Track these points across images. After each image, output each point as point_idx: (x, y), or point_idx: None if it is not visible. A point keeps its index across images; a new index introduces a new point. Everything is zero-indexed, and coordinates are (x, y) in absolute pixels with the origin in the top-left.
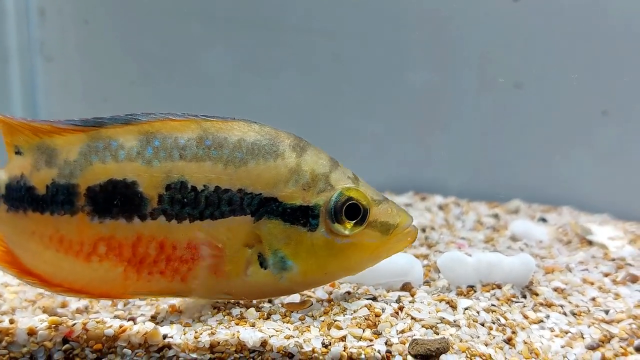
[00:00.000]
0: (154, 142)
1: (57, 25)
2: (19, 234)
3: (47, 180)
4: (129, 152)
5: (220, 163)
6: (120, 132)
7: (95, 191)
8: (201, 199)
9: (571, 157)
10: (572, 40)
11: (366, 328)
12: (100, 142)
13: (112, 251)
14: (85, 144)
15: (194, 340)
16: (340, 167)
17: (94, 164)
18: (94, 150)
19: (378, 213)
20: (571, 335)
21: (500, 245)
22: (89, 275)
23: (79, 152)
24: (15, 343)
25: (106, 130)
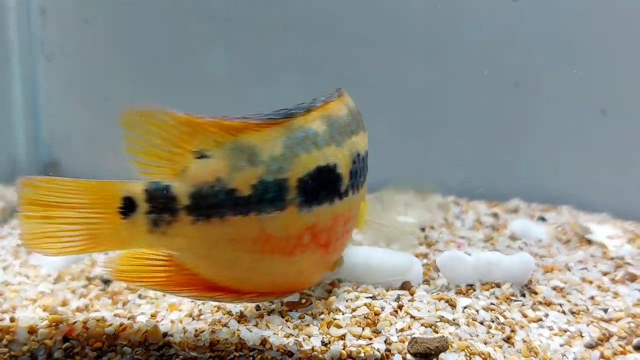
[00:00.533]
0: (334, 123)
1: (58, 25)
2: (210, 244)
3: (252, 180)
4: (324, 137)
5: (363, 132)
6: (309, 120)
7: (306, 181)
8: (364, 167)
9: (570, 156)
10: (571, 39)
11: (365, 327)
12: (298, 132)
13: (314, 239)
14: (285, 137)
15: (194, 338)
16: None
17: (300, 154)
18: (295, 142)
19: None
20: (570, 334)
21: (500, 244)
22: (285, 272)
23: (283, 146)
24: (15, 341)
25: (297, 120)
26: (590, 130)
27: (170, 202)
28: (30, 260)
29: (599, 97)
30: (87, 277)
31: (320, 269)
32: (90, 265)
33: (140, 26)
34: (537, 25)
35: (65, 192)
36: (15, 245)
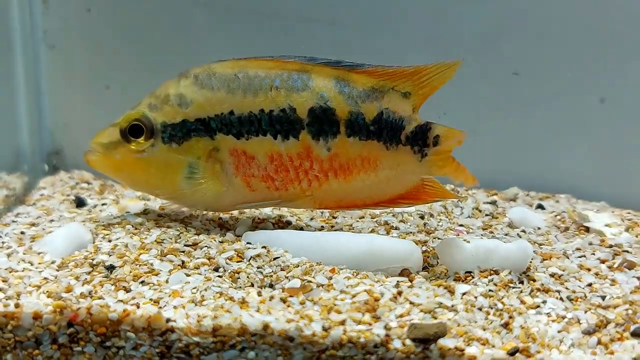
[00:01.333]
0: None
1: (60, 14)
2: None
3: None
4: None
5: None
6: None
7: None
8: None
9: (569, 145)
10: (570, 28)
11: (365, 312)
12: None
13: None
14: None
15: (197, 324)
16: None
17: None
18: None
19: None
20: (568, 321)
21: (498, 232)
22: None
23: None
24: (20, 327)
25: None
26: (589, 118)
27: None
28: (34, 247)
29: (598, 85)
30: (91, 264)
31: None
32: (94, 252)
33: (143, 15)
34: (537, 13)
35: None
36: (19, 233)
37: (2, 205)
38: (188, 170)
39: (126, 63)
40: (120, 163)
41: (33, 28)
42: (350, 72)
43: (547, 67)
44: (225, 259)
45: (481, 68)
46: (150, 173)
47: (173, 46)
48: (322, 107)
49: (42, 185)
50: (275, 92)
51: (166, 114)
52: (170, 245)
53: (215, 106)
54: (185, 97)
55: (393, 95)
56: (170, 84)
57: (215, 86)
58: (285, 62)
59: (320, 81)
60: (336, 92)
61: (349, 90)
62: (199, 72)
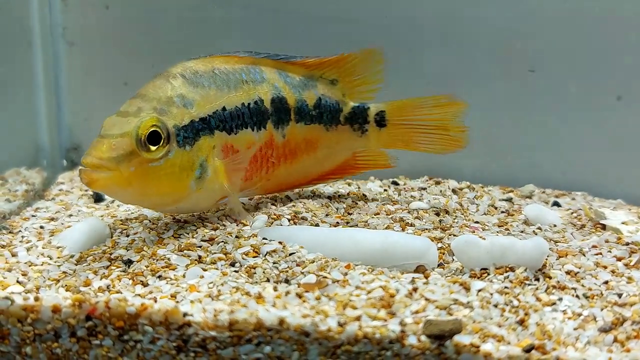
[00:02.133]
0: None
1: (79, 11)
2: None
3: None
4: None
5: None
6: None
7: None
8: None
9: (585, 143)
10: (587, 25)
11: (381, 308)
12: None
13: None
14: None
15: (214, 318)
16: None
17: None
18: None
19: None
20: (584, 318)
21: (514, 229)
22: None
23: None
24: (40, 320)
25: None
26: (605, 116)
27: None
28: (53, 242)
29: (614, 83)
30: (109, 258)
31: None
32: (112, 247)
33: (160, 11)
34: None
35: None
36: (38, 227)
37: (21, 200)
38: (199, 171)
39: (144, 60)
40: (133, 176)
41: (52, 25)
42: (287, 64)
43: (563, 65)
44: (241, 254)
45: (497, 65)
46: (163, 181)
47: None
48: (279, 97)
49: (60, 181)
50: (247, 85)
51: (175, 117)
52: (187, 240)
53: (211, 103)
54: (186, 97)
55: (323, 82)
56: (160, 86)
57: (205, 84)
58: (240, 57)
59: (270, 73)
60: (283, 83)
61: (290, 81)
62: (181, 71)
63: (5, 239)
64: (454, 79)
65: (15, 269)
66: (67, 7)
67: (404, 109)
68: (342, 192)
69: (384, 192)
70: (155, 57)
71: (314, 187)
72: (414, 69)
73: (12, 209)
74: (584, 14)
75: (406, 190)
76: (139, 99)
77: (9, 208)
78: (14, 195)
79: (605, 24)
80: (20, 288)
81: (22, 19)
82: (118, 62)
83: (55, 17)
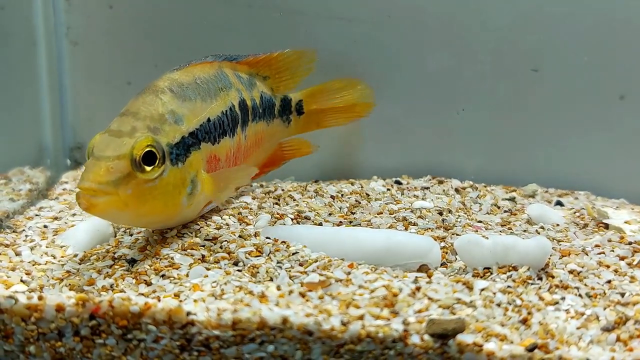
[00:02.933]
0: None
1: (83, 10)
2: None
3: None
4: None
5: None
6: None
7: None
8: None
9: (588, 142)
10: (590, 24)
11: (384, 307)
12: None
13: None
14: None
15: (217, 317)
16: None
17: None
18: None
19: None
20: (587, 317)
21: (517, 229)
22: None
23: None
24: (43, 319)
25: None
26: (608, 115)
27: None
28: (57, 241)
29: (617, 82)
30: (112, 257)
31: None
32: (115, 246)
33: (164, 11)
34: (555, 8)
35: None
36: (42, 226)
37: (25, 199)
38: (190, 188)
39: (148, 59)
40: (129, 198)
41: (56, 25)
42: (237, 65)
43: (566, 64)
44: (244, 253)
45: (500, 64)
46: (158, 200)
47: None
48: (242, 100)
49: (64, 180)
50: (222, 92)
51: (168, 135)
52: (190, 240)
53: (198, 117)
54: (177, 113)
55: (259, 79)
56: (150, 102)
57: (192, 96)
58: (211, 62)
59: (232, 77)
60: (240, 84)
61: (243, 81)
62: (168, 84)
63: (9, 238)
64: (456, 78)
65: (19, 268)
66: (70, 6)
67: (316, 95)
68: (345, 192)
69: (387, 191)
70: (158, 57)
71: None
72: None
73: (16, 208)
74: (587, 12)
75: (409, 190)
76: (130, 117)
77: (12, 207)
78: (17, 194)
79: (608, 22)
80: (24, 287)
81: (25, 18)
82: (122, 62)
83: (59, 17)
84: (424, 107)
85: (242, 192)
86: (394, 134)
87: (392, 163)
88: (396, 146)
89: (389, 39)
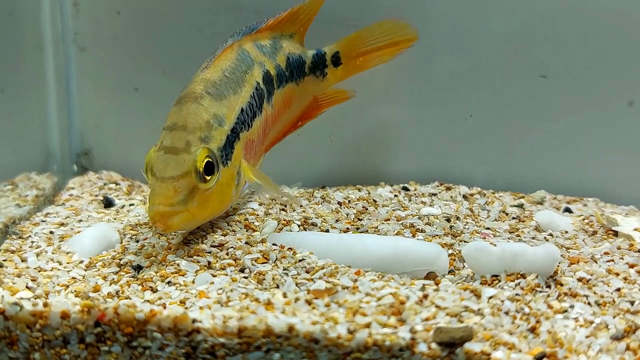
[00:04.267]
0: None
1: (90, 16)
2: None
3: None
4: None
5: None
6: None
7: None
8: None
9: (597, 148)
10: (598, 30)
11: (391, 315)
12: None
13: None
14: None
15: (223, 325)
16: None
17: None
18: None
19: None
20: (596, 326)
21: (525, 236)
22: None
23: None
24: (48, 326)
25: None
26: (617, 121)
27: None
28: (63, 247)
29: (626, 88)
30: (118, 263)
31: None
32: (121, 253)
33: (171, 18)
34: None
35: None
36: (48, 232)
37: (32, 205)
38: (237, 180)
39: (155, 65)
40: (196, 209)
41: (64, 30)
42: (257, 34)
43: (574, 70)
44: (251, 260)
45: (508, 70)
46: (215, 202)
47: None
48: (266, 72)
49: (71, 186)
50: (247, 75)
51: (216, 140)
52: (196, 246)
53: (234, 110)
54: (218, 115)
55: (284, 40)
56: (194, 111)
57: (226, 93)
58: (231, 46)
59: (253, 51)
60: (263, 56)
61: (266, 50)
62: (203, 87)
63: (15, 244)
64: (464, 84)
65: (24, 274)
66: (78, 12)
67: (354, 42)
68: (352, 198)
69: (395, 197)
70: (166, 63)
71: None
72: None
73: (22, 214)
74: (595, 18)
75: (417, 196)
76: (181, 132)
77: (19, 213)
78: (24, 200)
79: (616, 28)
80: (30, 294)
81: (33, 24)
82: (129, 68)
83: (66, 23)
84: (432, 113)
85: (249, 199)
86: (402, 140)
87: (400, 169)
88: (403, 152)
89: None
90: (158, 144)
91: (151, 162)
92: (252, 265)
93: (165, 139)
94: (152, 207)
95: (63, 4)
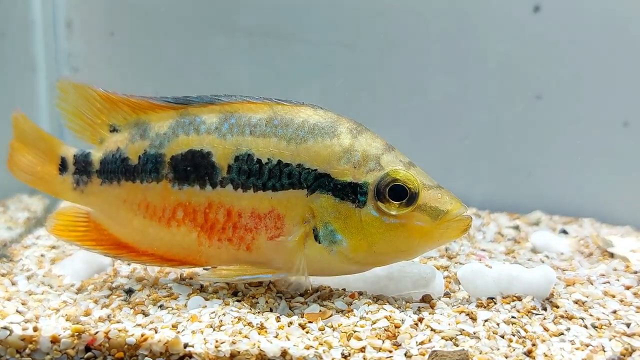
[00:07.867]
0: (231, 119)
1: (84, 37)
2: (111, 204)
3: (140, 151)
4: (208, 127)
5: (284, 140)
6: (204, 111)
7: (177, 160)
8: (265, 170)
9: (592, 169)
10: (592, 51)
11: (386, 339)
12: (187, 118)
13: (188, 216)
14: (174, 120)
15: (215, 349)
16: (395, 152)
17: (179, 136)
18: (180, 125)
19: (428, 197)
20: (592, 348)
21: (521, 257)
22: (169, 241)
23: (169, 126)
24: (38, 351)
25: (193, 109)
26: (612, 142)
27: (88, 166)
28: (54, 270)
29: (621, 109)
30: (110, 287)
31: (215, 254)
32: (113, 276)
33: (165, 39)
34: (558, 36)
35: (34, 135)
36: (39, 255)
37: (22, 228)
38: None
39: (148, 86)
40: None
41: (57, 51)
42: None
43: (570, 91)
44: (244, 283)
45: (504, 92)
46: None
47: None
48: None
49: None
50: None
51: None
52: (189, 269)
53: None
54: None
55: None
56: (385, 149)
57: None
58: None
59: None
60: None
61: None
62: (348, 126)
63: (6, 267)
64: (460, 105)
65: (15, 297)
66: (72, 34)
67: None
68: None
69: None
70: (158, 83)
71: None
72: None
73: (13, 236)
74: (591, 40)
75: None
76: (410, 165)
77: (9, 236)
78: (15, 222)
79: (612, 50)
80: (20, 317)
81: (27, 45)
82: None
83: (60, 44)
84: (428, 134)
85: None
86: None
87: None
88: None
89: (391, 66)
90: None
91: (412, 178)
92: (245, 289)
93: (422, 178)
94: (462, 211)
95: (56, 25)
